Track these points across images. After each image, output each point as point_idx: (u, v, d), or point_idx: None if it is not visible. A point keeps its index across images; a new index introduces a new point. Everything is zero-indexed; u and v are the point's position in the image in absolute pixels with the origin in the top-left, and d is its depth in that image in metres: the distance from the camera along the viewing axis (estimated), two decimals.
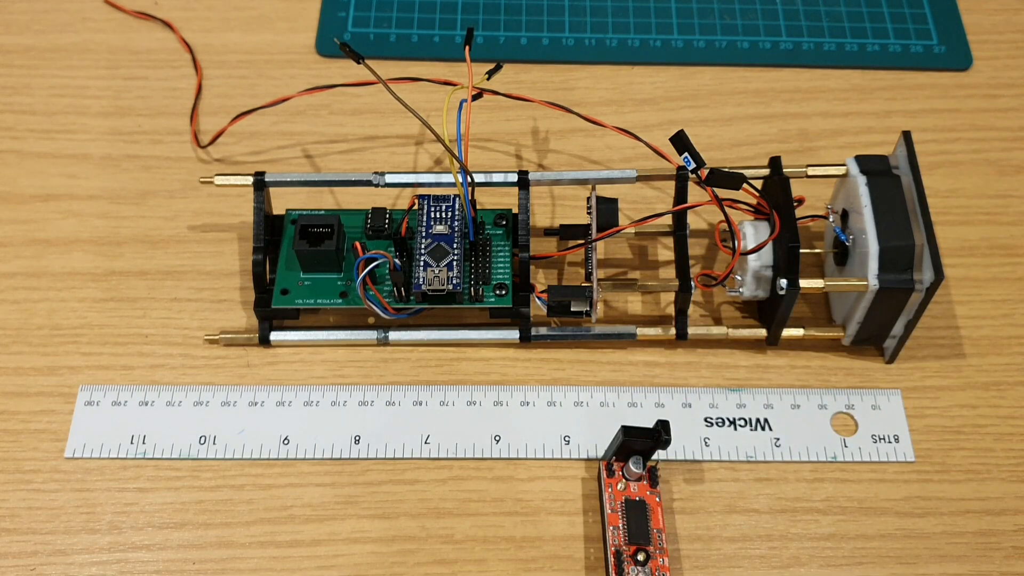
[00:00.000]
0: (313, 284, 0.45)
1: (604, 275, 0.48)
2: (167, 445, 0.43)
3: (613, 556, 0.39)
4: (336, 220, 0.44)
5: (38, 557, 0.40)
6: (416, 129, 0.53)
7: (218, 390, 0.44)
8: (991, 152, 0.53)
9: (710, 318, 0.47)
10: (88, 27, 0.57)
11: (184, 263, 0.48)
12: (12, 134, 0.53)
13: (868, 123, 0.54)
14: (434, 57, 0.56)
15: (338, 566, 0.40)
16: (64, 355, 0.45)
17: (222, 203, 0.50)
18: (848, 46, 0.56)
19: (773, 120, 0.54)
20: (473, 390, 0.45)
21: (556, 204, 0.51)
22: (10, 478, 0.42)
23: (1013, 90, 0.55)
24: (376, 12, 0.57)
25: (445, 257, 0.43)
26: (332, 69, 0.55)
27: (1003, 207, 0.51)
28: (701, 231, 0.50)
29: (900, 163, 0.44)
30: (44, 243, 0.49)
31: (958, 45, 0.57)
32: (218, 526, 0.41)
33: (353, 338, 0.46)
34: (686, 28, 0.57)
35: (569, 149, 0.53)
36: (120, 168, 0.51)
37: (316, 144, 0.53)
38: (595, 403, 0.44)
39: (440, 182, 0.46)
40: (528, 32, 0.57)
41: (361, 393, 0.44)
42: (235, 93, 0.54)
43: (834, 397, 0.45)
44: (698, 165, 0.41)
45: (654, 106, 0.54)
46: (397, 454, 0.43)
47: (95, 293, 0.47)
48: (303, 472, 0.42)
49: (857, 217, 0.43)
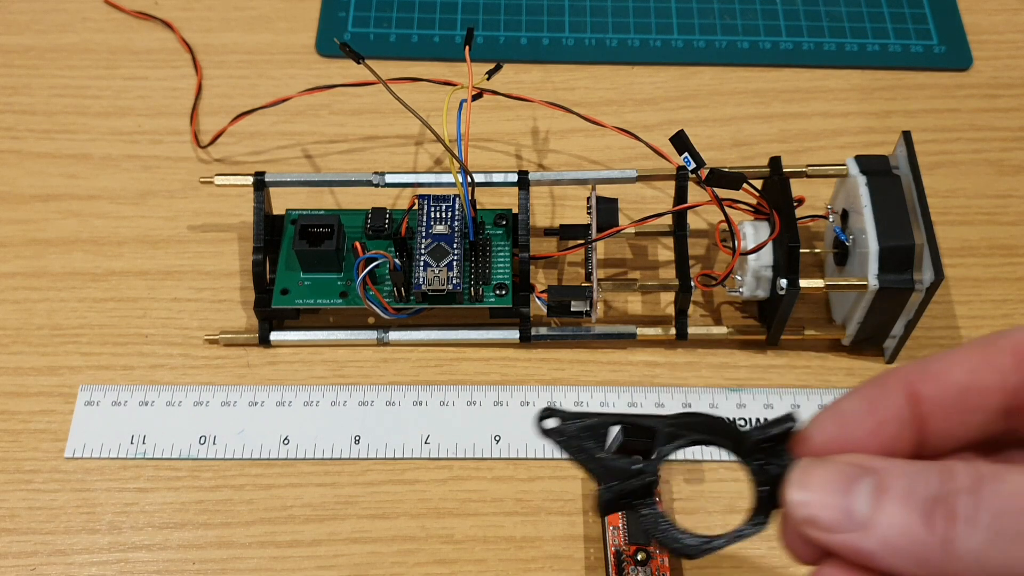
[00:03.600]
0: (313, 284, 0.45)
1: (604, 275, 0.48)
2: (167, 445, 0.43)
3: (613, 556, 0.39)
4: (336, 220, 0.44)
5: (38, 557, 0.40)
6: (416, 129, 0.53)
7: (218, 390, 0.44)
8: (991, 152, 0.53)
9: (710, 318, 0.47)
10: (88, 27, 0.57)
11: (184, 263, 0.48)
12: (12, 134, 0.53)
13: (868, 123, 0.54)
14: (434, 57, 0.56)
15: (338, 566, 0.40)
16: (64, 355, 0.45)
17: (222, 203, 0.50)
18: (848, 46, 0.56)
19: (773, 120, 0.54)
20: (473, 390, 0.45)
21: (556, 204, 0.51)
22: (10, 478, 0.42)
23: (1013, 90, 0.55)
24: (376, 12, 0.57)
25: (445, 257, 0.43)
26: (332, 69, 0.55)
27: (1003, 207, 0.51)
28: (701, 231, 0.50)
29: (900, 163, 0.44)
30: (44, 243, 0.49)
31: (958, 45, 0.57)
32: (218, 526, 0.41)
33: (353, 338, 0.46)
34: (686, 28, 0.57)
35: (569, 149, 0.53)
36: (120, 168, 0.51)
37: (316, 144, 0.53)
38: (595, 403, 0.44)
39: (440, 182, 0.46)
40: (528, 32, 0.57)
41: (361, 393, 0.44)
42: (235, 93, 0.54)
43: (834, 397, 0.44)
44: (698, 165, 0.41)
45: (654, 106, 0.54)
46: (397, 454, 0.43)
47: (95, 293, 0.47)
48: (303, 472, 0.42)
49: (857, 217, 0.43)
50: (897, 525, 0.22)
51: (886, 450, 0.24)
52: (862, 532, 0.22)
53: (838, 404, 0.25)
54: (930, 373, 0.24)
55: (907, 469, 0.23)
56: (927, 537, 0.21)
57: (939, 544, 0.21)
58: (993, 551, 0.21)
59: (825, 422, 0.24)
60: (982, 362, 0.24)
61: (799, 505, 0.23)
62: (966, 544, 0.21)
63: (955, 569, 0.21)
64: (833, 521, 0.22)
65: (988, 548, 0.21)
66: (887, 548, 0.22)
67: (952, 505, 0.21)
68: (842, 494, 0.22)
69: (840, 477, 0.23)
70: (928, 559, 0.21)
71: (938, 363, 0.24)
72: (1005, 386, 0.24)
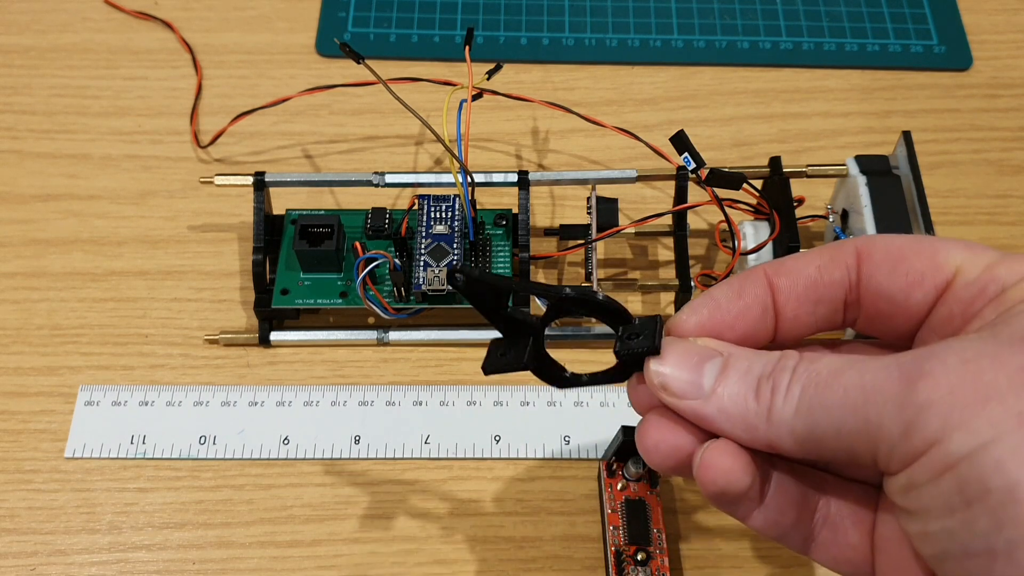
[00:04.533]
0: (313, 284, 0.45)
1: (604, 275, 0.48)
2: (167, 445, 0.43)
3: (613, 556, 0.39)
4: (336, 220, 0.44)
5: (38, 557, 0.40)
6: (416, 129, 0.53)
7: (218, 390, 0.44)
8: (991, 152, 0.53)
9: None
10: (88, 27, 0.57)
11: (184, 263, 0.48)
12: (12, 134, 0.53)
13: (868, 123, 0.54)
14: (434, 57, 0.56)
15: (338, 566, 0.40)
16: (64, 355, 0.45)
17: (222, 203, 0.50)
18: (848, 46, 0.56)
19: (773, 120, 0.54)
20: (473, 390, 0.45)
21: (556, 204, 0.51)
22: (10, 478, 0.42)
23: (1013, 90, 0.55)
24: (376, 12, 0.57)
25: (445, 257, 0.43)
26: (332, 69, 0.55)
27: (1003, 207, 0.51)
28: (701, 231, 0.50)
29: (900, 163, 0.44)
30: (44, 243, 0.49)
31: (958, 45, 0.57)
32: (218, 526, 0.41)
33: (353, 338, 0.46)
34: (686, 28, 0.57)
35: (569, 149, 0.53)
36: (120, 168, 0.51)
37: (316, 144, 0.53)
38: (595, 403, 0.44)
39: (440, 182, 0.46)
40: (528, 32, 0.57)
41: (361, 393, 0.44)
42: (235, 93, 0.54)
43: None
44: (698, 165, 0.41)
45: (654, 106, 0.54)
46: (397, 454, 0.43)
47: (95, 293, 0.47)
48: (303, 472, 0.42)
49: (857, 217, 0.43)
50: (732, 395, 0.26)
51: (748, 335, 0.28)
52: (704, 400, 0.26)
53: (711, 290, 0.28)
54: (786, 267, 0.28)
55: (749, 353, 0.27)
56: (754, 407, 0.25)
57: (763, 413, 0.25)
58: (800, 419, 0.25)
59: (699, 305, 0.28)
60: (829, 260, 0.28)
61: (656, 374, 0.27)
62: (780, 413, 0.25)
63: (773, 434, 0.25)
64: (682, 389, 0.27)
65: (796, 416, 0.25)
66: (722, 415, 0.26)
67: (776, 380, 0.25)
68: (693, 369, 0.27)
69: (694, 356, 0.27)
70: (754, 426, 0.25)
71: (793, 261, 0.28)
72: (848, 281, 0.28)
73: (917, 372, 0.23)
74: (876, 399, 0.23)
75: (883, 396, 0.23)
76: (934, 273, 0.26)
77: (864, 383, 0.23)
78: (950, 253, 0.26)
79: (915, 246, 0.27)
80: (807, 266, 0.28)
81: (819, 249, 0.28)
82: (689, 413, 0.27)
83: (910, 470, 0.23)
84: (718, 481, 0.26)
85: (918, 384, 0.22)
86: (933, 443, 0.22)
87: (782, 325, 0.28)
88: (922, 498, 0.23)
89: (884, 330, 0.28)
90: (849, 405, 0.24)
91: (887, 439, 0.23)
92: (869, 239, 0.28)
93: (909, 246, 0.27)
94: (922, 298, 0.27)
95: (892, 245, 0.27)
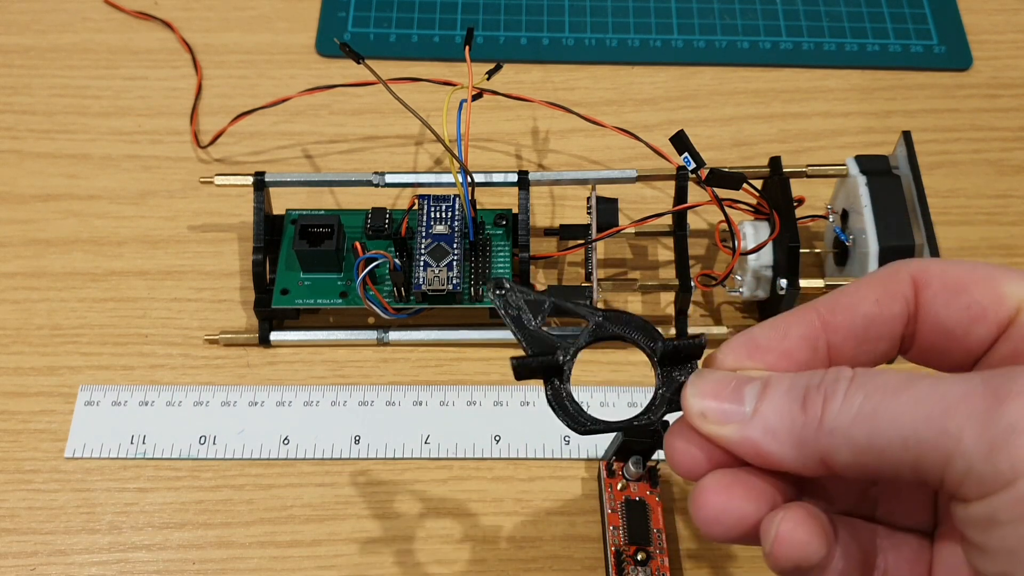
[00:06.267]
0: (313, 284, 0.45)
1: (604, 275, 0.48)
2: (167, 445, 0.43)
3: (613, 556, 0.39)
4: (336, 220, 0.44)
5: (38, 557, 0.40)
6: (416, 129, 0.53)
7: (218, 390, 0.44)
8: (991, 152, 0.53)
9: (710, 318, 0.47)
10: (88, 27, 0.57)
11: (184, 263, 0.48)
12: (12, 134, 0.53)
13: (868, 123, 0.54)
14: (434, 57, 0.56)
15: (338, 566, 0.40)
16: (64, 355, 0.45)
17: (222, 203, 0.50)
18: (848, 46, 0.56)
19: (773, 120, 0.54)
20: (473, 390, 0.45)
21: (556, 204, 0.51)
22: (10, 478, 0.42)
23: (1013, 90, 0.55)
24: (376, 12, 0.57)
25: (445, 257, 0.43)
26: (332, 69, 0.55)
27: (1003, 207, 0.51)
28: (701, 231, 0.50)
29: (900, 163, 0.44)
30: (44, 243, 0.49)
31: (958, 45, 0.57)
32: (218, 526, 0.41)
33: (353, 338, 0.46)
34: (686, 28, 0.57)
35: (569, 149, 0.53)
36: (120, 168, 0.51)
37: (316, 144, 0.53)
38: (595, 403, 0.44)
39: (440, 182, 0.46)
40: (528, 32, 0.57)
41: (361, 393, 0.44)
42: (235, 93, 0.54)
43: None
44: (698, 165, 0.41)
45: (654, 106, 0.54)
46: (397, 454, 0.43)
47: (95, 293, 0.47)
48: (303, 472, 0.42)
49: (857, 217, 0.43)
50: (777, 410, 0.24)
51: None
52: (745, 423, 0.24)
53: (751, 330, 0.26)
54: (841, 304, 0.26)
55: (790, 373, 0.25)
56: (802, 419, 0.23)
57: (812, 423, 0.23)
58: (859, 426, 0.22)
59: (737, 346, 0.26)
60: (885, 292, 0.26)
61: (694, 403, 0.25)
62: (836, 421, 0.23)
63: (827, 444, 0.23)
64: (721, 414, 0.25)
65: (855, 423, 0.23)
66: (768, 435, 0.24)
67: (828, 389, 0.23)
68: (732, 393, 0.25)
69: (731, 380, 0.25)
70: (804, 439, 0.23)
71: (847, 297, 0.26)
72: (907, 314, 0.26)
73: (1006, 391, 0.21)
74: (958, 410, 0.21)
75: (966, 408, 0.21)
76: (996, 307, 0.25)
77: (943, 392, 0.22)
78: (1012, 285, 0.25)
79: (974, 276, 0.25)
80: (862, 301, 0.26)
81: (869, 279, 0.26)
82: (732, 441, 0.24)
83: (991, 501, 0.21)
84: (792, 556, 0.24)
85: (1007, 403, 0.21)
86: (1022, 474, 0.20)
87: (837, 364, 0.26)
88: (1007, 539, 0.21)
89: (937, 363, 0.27)
90: (922, 414, 0.22)
91: (964, 455, 0.21)
92: (923, 265, 0.26)
93: (968, 276, 0.25)
94: (984, 333, 0.25)
95: (949, 274, 0.25)
